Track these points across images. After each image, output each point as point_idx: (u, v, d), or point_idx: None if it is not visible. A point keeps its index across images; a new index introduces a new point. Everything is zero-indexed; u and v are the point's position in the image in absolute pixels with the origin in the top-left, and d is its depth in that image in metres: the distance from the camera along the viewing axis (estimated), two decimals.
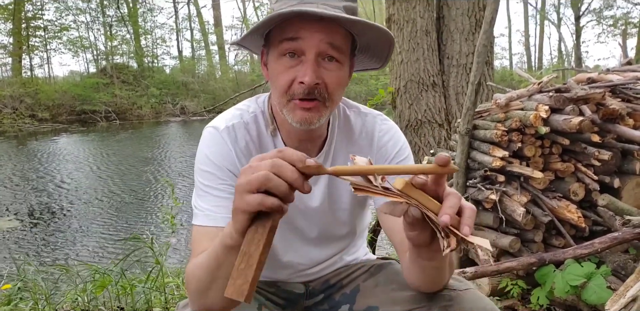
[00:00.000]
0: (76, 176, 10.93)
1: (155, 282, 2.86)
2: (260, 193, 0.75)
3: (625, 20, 27.09)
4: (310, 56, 1.04)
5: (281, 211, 0.76)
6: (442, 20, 4.88)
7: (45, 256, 5.82)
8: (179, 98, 28.03)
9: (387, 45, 1.14)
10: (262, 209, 0.76)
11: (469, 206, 0.77)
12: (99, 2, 29.50)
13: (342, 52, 1.08)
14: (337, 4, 1.06)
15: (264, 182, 0.74)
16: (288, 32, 1.04)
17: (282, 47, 1.06)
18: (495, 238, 2.74)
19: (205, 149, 1.18)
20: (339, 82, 1.09)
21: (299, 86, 1.05)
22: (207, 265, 0.93)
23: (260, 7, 31.67)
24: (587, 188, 2.77)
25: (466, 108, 2.87)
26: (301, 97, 1.06)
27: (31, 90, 24.16)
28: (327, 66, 1.06)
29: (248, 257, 0.75)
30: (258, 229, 0.77)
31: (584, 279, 2.28)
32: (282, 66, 1.07)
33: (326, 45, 1.04)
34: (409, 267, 1.10)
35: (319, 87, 1.05)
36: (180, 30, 34.08)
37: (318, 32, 1.03)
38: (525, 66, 33.82)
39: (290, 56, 1.06)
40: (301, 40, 1.03)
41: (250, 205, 0.76)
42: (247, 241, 0.77)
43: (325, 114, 1.10)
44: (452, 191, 0.78)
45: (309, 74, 1.03)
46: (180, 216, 5.83)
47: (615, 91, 2.98)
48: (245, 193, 0.76)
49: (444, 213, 0.74)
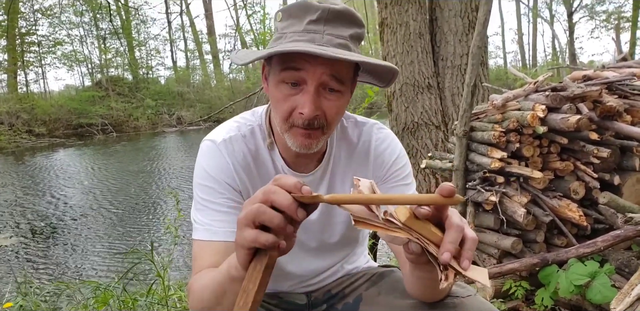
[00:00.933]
0: (74, 191, 10.91)
1: (156, 295, 2.84)
2: (257, 227, 0.74)
3: (618, 15, 27.19)
4: (311, 87, 1.03)
5: (277, 249, 0.74)
6: (435, 22, 4.88)
7: (46, 272, 5.78)
8: (174, 108, 28.07)
9: (390, 74, 1.14)
10: (257, 246, 0.74)
11: (471, 238, 0.76)
12: (92, 16, 29.56)
13: (344, 82, 1.06)
14: (344, 32, 1.04)
15: (257, 215, 0.73)
16: (291, 61, 1.02)
17: (284, 75, 1.04)
18: (496, 239, 2.73)
19: (203, 163, 1.17)
20: (339, 111, 1.09)
21: (299, 116, 1.05)
22: (213, 289, 0.93)
23: (253, 15, 31.74)
24: (587, 186, 2.76)
25: (463, 110, 2.87)
26: (301, 126, 1.06)
27: (27, 105, 24.17)
28: (328, 97, 1.05)
29: (246, 295, 0.75)
30: (256, 266, 0.77)
31: (588, 278, 2.27)
32: (282, 93, 1.06)
33: (328, 78, 1.03)
34: (410, 279, 1.09)
35: (318, 118, 1.05)
36: (174, 40, 34.17)
37: (322, 64, 1.01)
38: (520, 64, 33.91)
39: (291, 85, 1.04)
40: (304, 71, 1.02)
41: (246, 240, 0.75)
42: (247, 277, 0.77)
43: (323, 140, 1.11)
44: (455, 221, 0.75)
45: (308, 106, 1.02)
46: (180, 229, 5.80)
47: (611, 87, 2.98)
48: (244, 227, 0.75)
49: (445, 249, 0.73)
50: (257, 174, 1.20)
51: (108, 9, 22.08)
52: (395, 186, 1.25)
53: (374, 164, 1.26)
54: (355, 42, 1.07)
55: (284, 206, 0.72)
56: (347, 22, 1.05)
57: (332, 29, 1.03)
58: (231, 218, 1.11)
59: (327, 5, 1.02)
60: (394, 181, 1.26)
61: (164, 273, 2.86)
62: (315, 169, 1.23)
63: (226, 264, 0.89)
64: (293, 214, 0.72)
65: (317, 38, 1.02)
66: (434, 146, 4.62)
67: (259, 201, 0.74)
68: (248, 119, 1.24)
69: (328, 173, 1.25)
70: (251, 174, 1.19)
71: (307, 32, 1.03)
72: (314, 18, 1.02)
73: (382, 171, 1.26)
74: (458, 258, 0.74)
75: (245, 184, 1.18)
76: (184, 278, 3.96)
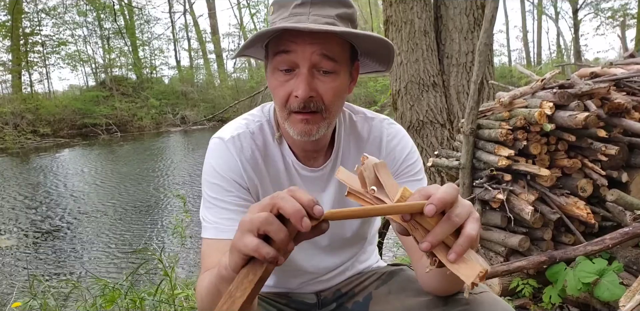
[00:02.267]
0: (80, 190, 10.95)
1: (163, 294, 2.85)
2: (260, 236, 0.71)
3: (623, 12, 27.06)
4: (304, 69, 1.03)
5: (275, 263, 0.72)
6: (440, 19, 4.87)
7: (53, 271, 5.81)
8: (178, 108, 28.12)
9: (386, 50, 1.13)
10: (256, 256, 0.71)
11: (467, 233, 0.72)
12: (96, 16, 29.62)
13: (338, 61, 1.06)
14: (330, 12, 1.05)
15: (264, 223, 0.70)
16: (280, 45, 1.03)
17: (276, 61, 1.05)
18: (504, 237, 2.72)
19: (211, 161, 1.17)
20: (335, 93, 1.08)
21: (295, 100, 1.05)
22: (208, 289, 0.93)
23: (256, 14, 31.75)
24: (595, 184, 2.75)
25: (469, 108, 2.86)
26: (298, 110, 1.06)
27: (32, 106, 24.26)
28: (322, 78, 1.05)
29: (231, 302, 0.72)
30: (249, 274, 0.73)
31: (596, 276, 2.26)
32: (277, 80, 1.07)
33: (319, 57, 1.03)
34: (423, 274, 1.08)
35: (314, 99, 1.05)
36: (178, 40, 34.24)
37: (310, 44, 1.01)
38: (524, 62, 33.80)
39: (285, 71, 1.05)
40: (293, 53, 1.02)
41: (246, 248, 0.71)
42: (236, 282, 0.73)
43: (324, 125, 1.10)
44: (454, 215, 0.73)
45: (302, 87, 1.02)
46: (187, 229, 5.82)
47: (619, 84, 2.97)
48: (246, 233, 0.72)
49: (426, 239, 0.71)
50: (266, 171, 1.20)
51: (112, 8, 22.16)
52: (407, 182, 1.24)
53: (386, 159, 1.25)
54: (345, 21, 1.07)
55: (290, 212, 0.69)
56: (333, 2, 1.05)
57: (318, 10, 1.04)
58: (239, 216, 1.10)
59: None
60: (405, 176, 1.25)
61: (171, 272, 2.87)
62: (325, 164, 1.23)
63: (219, 264, 0.87)
64: (298, 223, 0.69)
65: (303, 19, 1.03)
66: (439, 144, 4.61)
67: (266, 206, 0.72)
68: (256, 116, 1.25)
69: (337, 166, 1.24)
70: (260, 171, 1.19)
71: (293, 15, 1.04)
72: (299, 2, 1.04)
73: (394, 167, 1.25)
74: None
75: (254, 182, 1.18)
76: (190, 277, 3.97)
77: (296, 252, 1.27)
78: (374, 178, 0.79)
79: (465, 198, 2.86)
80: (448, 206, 0.72)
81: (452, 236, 0.73)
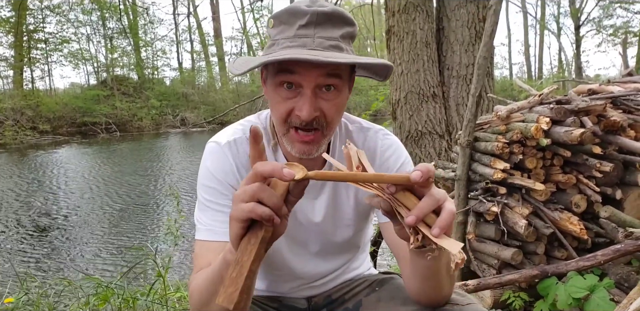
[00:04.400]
0: (77, 188, 10.93)
1: (156, 294, 2.86)
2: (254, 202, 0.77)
3: (625, 30, 27.23)
4: (308, 90, 1.03)
5: (272, 221, 0.76)
6: (442, 31, 4.91)
7: (46, 268, 5.79)
8: (179, 109, 28.15)
9: (385, 69, 1.15)
10: (253, 216, 0.76)
11: (448, 209, 0.79)
12: (100, 15, 29.70)
13: (341, 77, 1.06)
14: (334, 34, 1.05)
15: (257, 192, 0.76)
16: (284, 65, 1.03)
17: (279, 78, 1.05)
18: (497, 250, 2.74)
19: (207, 164, 1.19)
20: (337, 109, 1.09)
21: (297, 118, 1.05)
22: (211, 277, 0.94)
23: (260, 18, 31.85)
24: (589, 200, 2.77)
25: (467, 120, 2.88)
26: (299, 127, 1.06)
27: (32, 102, 24.28)
28: (325, 96, 1.06)
29: (240, 266, 0.76)
30: (251, 239, 0.78)
31: (587, 291, 2.28)
32: (279, 96, 1.07)
33: (323, 78, 1.03)
34: (409, 276, 1.10)
35: (317, 118, 1.05)
36: (181, 42, 34.28)
37: (315, 68, 1.01)
38: (525, 76, 33.93)
39: (287, 87, 1.05)
40: (298, 75, 1.02)
41: (243, 212, 0.76)
42: (240, 250, 0.78)
43: (324, 143, 1.11)
44: (434, 193, 0.79)
45: (306, 108, 1.03)
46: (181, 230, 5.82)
47: (616, 102, 2.99)
48: (240, 202, 0.77)
49: (411, 213, 0.77)
50: None
51: (118, 8, 22.21)
52: None
53: (380, 170, 1.27)
54: (348, 40, 1.09)
55: (270, 170, 0.76)
56: (337, 22, 1.06)
57: (323, 32, 1.04)
58: None
59: (315, 9, 1.03)
60: None
61: (164, 273, 2.87)
62: None
63: (223, 252, 0.90)
64: (281, 176, 0.75)
65: (309, 42, 1.03)
66: (437, 155, 4.64)
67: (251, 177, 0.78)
68: (253, 122, 1.26)
69: None
70: None
71: (298, 37, 1.04)
72: (303, 23, 1.03)
73: None
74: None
75: None
76: (183, 278, 3.97)
77: (288, 257, 1.29)
78: (357, 161, 0.84)
79: (460, 209, 2.88)
80: (432, 175, 0.78)
81: (432, 214, 0.79)
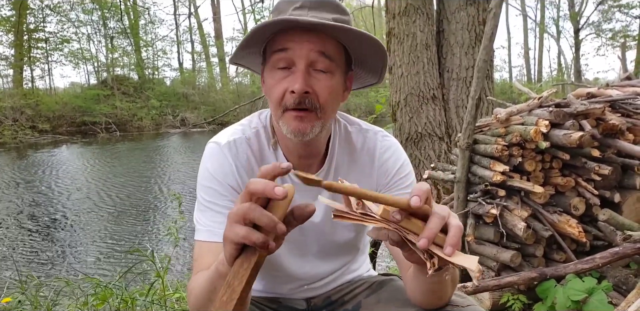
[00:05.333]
0: (75, 188, 10.92)
1: (155, 295, 2.86)
2: (248, 225, 0.75)
3: (624, 33, 27.29)
4: (301, 65, 1.06)
5: (266, 248, 0.74)
6: (442, 34, 4.92)
7: (45, 268, 5.79)
8: (179, 110, 28.13)
9: (380, 57, 1.15)
10: (247, 243, 0.74)
11: (455, 225, 0.78)
12: (101, 15, 29.70)
13: (334, 60, 1.09)
14: (327, 16, 1.08)
15: (247, 212, 0.73)
16: (278, 44, 1.07)
17: (274, 59, 1.08)
18: (496, 252, 2.75)
19: (207, 165, 1.19)
20: (330, 91, 1.09)
21: (291, 96, 1.06)
22: (204, 286, 0.94)
23: (261, 20, 31.88)
24: (588, 203, 2.78)
25: (466, 123, 2.89)
26: (293, 107, 1.07)
27: (32, 101, 24.24)
28: (318, 76, 1.08)
29: (231, 291, 0.75)
30: (244, 263, 0.76)
31: (585, 294, 2.28)
32: (274, 79, 1.09)
33: (316, 54, 1.06)
34: (412, 283, 1.10)
35: (309, 96, 1.06)
36: (181, 42, 34.29)
37: (307, 41, 1.05)
38: (525, 79, 33.96)
39: (282, 69, 1.08)
40: (291, 50, 1.05)
41: (236, 236, 0.74)
42: (233, 272, 0.77)
43: (318, 125, 1.10)
44: (438, 211, 0.79)
45: (298, 81, 1.04)
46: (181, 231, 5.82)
47: (614, 106, 3.00)
48: (234, 224, 0.75)
49: (422, 236, 0.76)
50: None
51: (119, 8, 22.22)
52: (398, 195, 1.26)
53: (378, 172, 1.27)
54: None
55: (260, 188, 0.73)
56: (330, 8, 1.10)
57: (316, 13, 1.08)
58: None
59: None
60: (397, 189, 1.27)
61: (163, 274, 2.88)
62: (318, 172, 1.24)
63: (216, 262, 0.89)
64: (271, 194, 0.72)
65: (303, 14, 1.07)
66: (436, 157, 4.64)
67: (245, 195, 0.75)
68: (253, 122, 1.27)
69: (331, 177, 1.26)
70: (254, 176, 1.20)
71: (292, 15, 1.07)
72: (297, 5, 1.09)
73: (386, 179, 1.27)
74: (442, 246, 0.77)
75: None
76: (182, 279, 3.97)
77: (287, 258, 1.29)
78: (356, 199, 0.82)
79: (460, 211, 2.89)
80: (429, 195, 0.78)
81: (440, 234, 0.78)
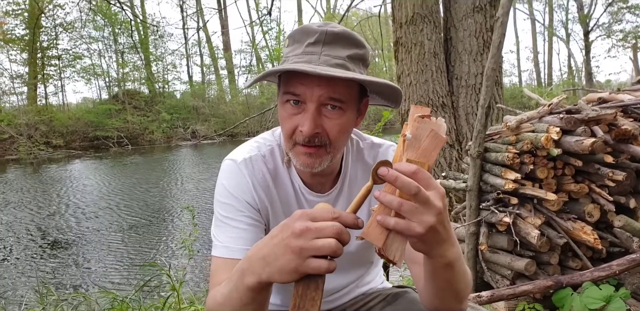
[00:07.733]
0: (89, 202, 11.01)
1: (170, 309, 2.87)
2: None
3: (635, 34, 27.09)
4: (311, 108, 1.06)
5: (332, 271, 0.79)
6: (450, 41, 4.94)
7: (62, 283, 5.83)
8: (189, 122, 28.37)
9: (394, 93, 1.15)
10: (326, 272, 0.79)
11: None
12: (112, 31, 30.13)
13: (345, 102, 1.08)
14: (342, 53, 1.07)
15: (335, 250, 0.78)
16: (290, 86, 1.06)
17: (285, 97, 1.09)
18: (510, 260, 2.73)
19: (224, 181, 1.21)
20: (340, 129, 1.10)
21: (300, 134, 1.08)
22: (230, 305, 0.94)
23: (268, 32, 32.12)
24: (603, 209, 2.76)
25: (477, 131, 2.89)
26: (302, 144, 1.09)
27: (46, 117, 24.64)
28: (329, 114, 1.07)
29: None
30: (310, 285, 0.80)
31: (603, 302, 2.26)
32: (286, 112, 1.10)
33: (326, 99, 1.05)
34: (426, 285, 1.10)
35: (319, 135, 1.08)
36: (190, 55, 34.61)
37: (318, 86, 1.04)
38: (535, 83, 33.79)
39: (293, 103, 1.08)
40: (302, 95, 1.05)
41: (314, 269, 0.78)
42: (300, 295, 0.79)
43: (327, 159, 1.12)
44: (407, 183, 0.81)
45: (307, 124, 1.05)
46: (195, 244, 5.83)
47: (626, 110, 2.98)
48: (311, 258, 0.78)
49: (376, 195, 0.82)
50: (277, 193, 1.23)
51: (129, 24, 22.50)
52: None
53: None
54: (356, 62, 1.10)
55: (347, 241, 0.80)
56: (345, 43, 1.08)
57: (330, 50, 1.06)
58: (249, 236, 1.14)
59: (325, 28, 1.06)
60: None
61: (178, 287, 2.89)
62: (331, 190, 1.26)
63: (235, 278, 0.90)
64: (355, 225, 0.81)
65: (314, 59, 1.05)
66: (447, 164, 4.63)
67: (332, 236, 0.79)
68: (267, 140, 1.28)
69: (344, 193, 1.27)
70: (270, 193, 1.22)
71: (305, 54, 1.07)
72: (312, 41, 1.07)
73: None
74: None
75: (265, 204, 1.21)
76: (196, 292, 3.98)
77: None
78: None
79: (472, 220, 2.88)
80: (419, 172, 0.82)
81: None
